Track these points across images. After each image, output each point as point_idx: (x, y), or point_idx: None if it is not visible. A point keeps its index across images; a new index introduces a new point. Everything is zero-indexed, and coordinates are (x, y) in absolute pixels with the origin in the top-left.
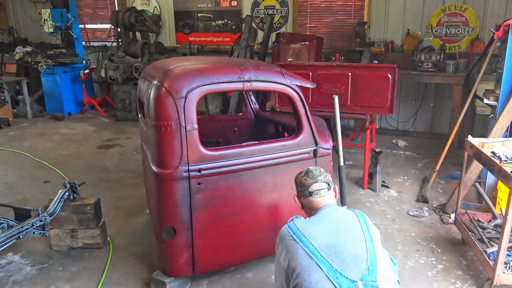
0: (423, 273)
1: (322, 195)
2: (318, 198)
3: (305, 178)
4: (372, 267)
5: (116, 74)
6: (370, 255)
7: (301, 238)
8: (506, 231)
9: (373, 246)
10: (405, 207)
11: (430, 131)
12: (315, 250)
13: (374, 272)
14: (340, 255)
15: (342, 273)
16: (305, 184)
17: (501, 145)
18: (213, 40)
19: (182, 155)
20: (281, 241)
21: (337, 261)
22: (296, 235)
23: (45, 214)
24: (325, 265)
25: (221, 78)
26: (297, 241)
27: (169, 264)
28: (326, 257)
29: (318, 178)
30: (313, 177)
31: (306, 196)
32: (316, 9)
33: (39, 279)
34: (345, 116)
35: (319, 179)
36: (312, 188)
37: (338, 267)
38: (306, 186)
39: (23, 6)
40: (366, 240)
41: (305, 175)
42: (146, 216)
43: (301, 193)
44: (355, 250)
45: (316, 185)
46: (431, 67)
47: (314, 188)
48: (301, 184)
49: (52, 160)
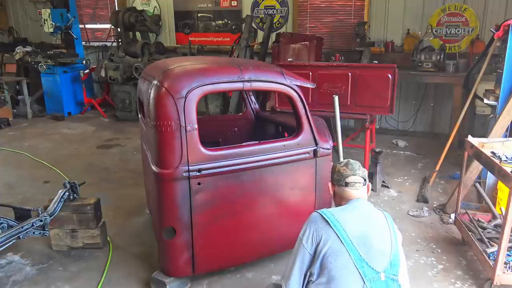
0: (423, 273)
1: (356, 188)
2: (352, 190)
3: (344, 169)
4: (394, 262)
5: (116, 74)
6: (393, 252)
7: (335, 223)
8: (506, 231)
9: (397, 246)
10: (405, 207)
11: (430, 131)
12: (347, 236)
13: (396, 267)
14: (368, 246)
15: (368, 263)
16: (343, 174)
17: (501, 145)
18: (213, 40)
19: (182, 155)
20: (311, 225)
21: (365, 251)
22: (331, 220)
23: (45, 214)
24: (354, 252)
25: (221, 78)
26: (330, 225)
27: (169, 264)
28: (356, 245)
29: (357, 171)
30: (352, 169)
31: (341, 185)
32: (316, 9)
33: (39, 279)
34: (345, 116)
35: (357, 172)
36: (350, 179)
37: (365, 256)
38: (344, 176)
39: (23, 6)
40: (392, 239)
41: (345, 165)
42: (146, 216)
43: (337, 181)
44: (381, 244)
45: (353, 178)
46: (431, 67)
47: (351, 180)
48: (338, 173)
49: (52, 160)
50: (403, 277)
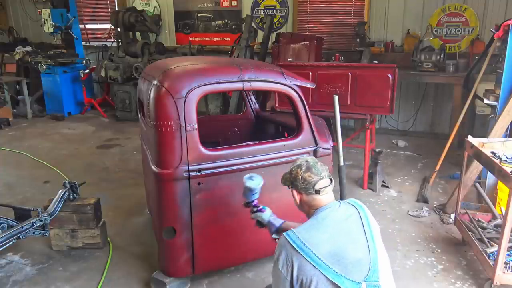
0: (423, 273)
1: (327, 192)
2: (323, 195)
3: (309, 175)
4: (374, 267)
5: (116, 74)
6: (372, 256)
7: (302, 247)
8: (506, 231)
9: (374, 245)
10: (405, 207)
11: (430, 131)
12: (317, 259)
13: (376, 272)
14: (343, 262)
15: (346, 276)
16: (310, 181)
17: (501, 145)
18: (213, 40)
19: (182, 155)
20: (282, 250)
21: (341, 267)
22: (297, 245)
23: (45, 214)
24: (330, 272)
25: (221, 78)
26: (298, 251)
27: (169, 264)
28: (330, 264)
29: (323, 173)
30: (317, 173)
31: (311, 194)
32: (316, 9)
33: (39, 279)
34: (345, 116)
35: (323, 174)
36: (319, 185)
37: (342, 272)
38: (312, 184)
39: (23, 6)
40: (368, 239)
41: (308, 170)
42: (146, 216)
43: (304, 190)
44: (357, 254)
45: (322, 182)
46: (431, 67)
47: (320, 186)
48: (304, 181)
49: (52, 160)
50: (387, 276)
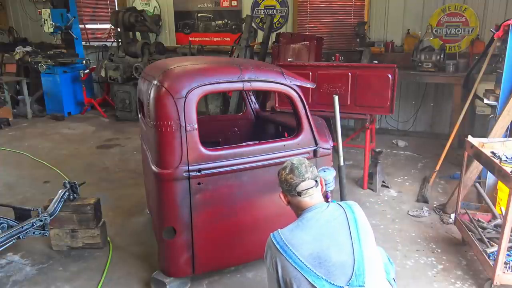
0: (423, 273)
1: (310, 194)
2: (306, 198)
3: (291, 177)
4: (359, 272)
5: (116, 74)
6: (357, 259)
7: (285, 248)
8: (506, 231)
9: (360, 249)
10: (405, 207)
11: (430, 131)
12: (299, 261)
13: (361, 277)
14: (325, 265)
15: (328, 280)
16: (291, 183)
17: (501, 145)
18: (213, 40)
19: (182, 155)
20: (268, 250)
21: (323, 270)
22: (280, 246)
23: (45, 214)
24: (311, 274)
25: (221, 78)
26: (281, 252)
27: (169, 264)
28: (312, 267)
29: (305, 175)
30: (299, 175)
31: (294, 195)
32: (316, 9)
33: (39, 279)
34: (345, 116)
35: (306, 176)
36: (300, 188)
37: (323, 275)
38: (294, 186)
39: (23, 6)
40: (354, 242)
41: (290, 172)
42: (146, 216)
43: (287, 192)
44: (340, 257)
45: (304, 184)
46: (431, 67)
47: (302, 188)
48: (287, 183)
49: (52, 160)
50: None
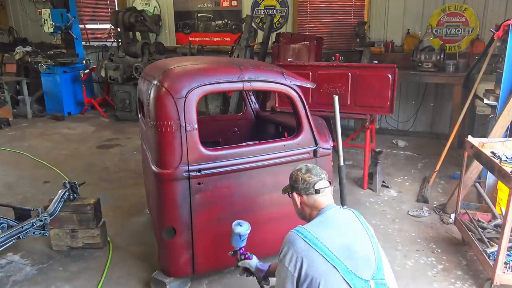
0: (423, 273)
1: (326, 193)
2: (323, 196)
3: (308, 175)
4: (379, 265)
5: (116, 74)
6: (376, 254)
7: (315, 241)
8: (506, 231)
9: (376, 245)
10: (405, 207)
11: (430, 131)
12: (330, 253)
13: (381, 270)
14: (354, 256)
15: (356, 273)
16: (309, 181)
17: (501, 145)
18: (213, 40)
19: (182, 155)
20: (290, 246)
21: (351, 263)
22: (309, 239)
23: (45, 214)
24: (341, 267)
25: (221, 78)
26: (311, 246)
27: (169, 264)
28: (342, 259)
29: (322, 175)
30: (317, 174)
31: (311, 194)
32: (316, 9)
33: (39, 279)
34: (345, 116)
35: (323, 176)
36: (318, 185)
37: (352, 268)
38: (312, 184)
39: (23, 6)
40: (370, 239)
41: (308, 172)
42: (146, 216)
43: (304, 190)
44: (364, 250)
45: (321, 183)
46: (431, 67)
47: (320, 186)
48: (304, 182)
49: (52, 160)
50: (389, 276)
